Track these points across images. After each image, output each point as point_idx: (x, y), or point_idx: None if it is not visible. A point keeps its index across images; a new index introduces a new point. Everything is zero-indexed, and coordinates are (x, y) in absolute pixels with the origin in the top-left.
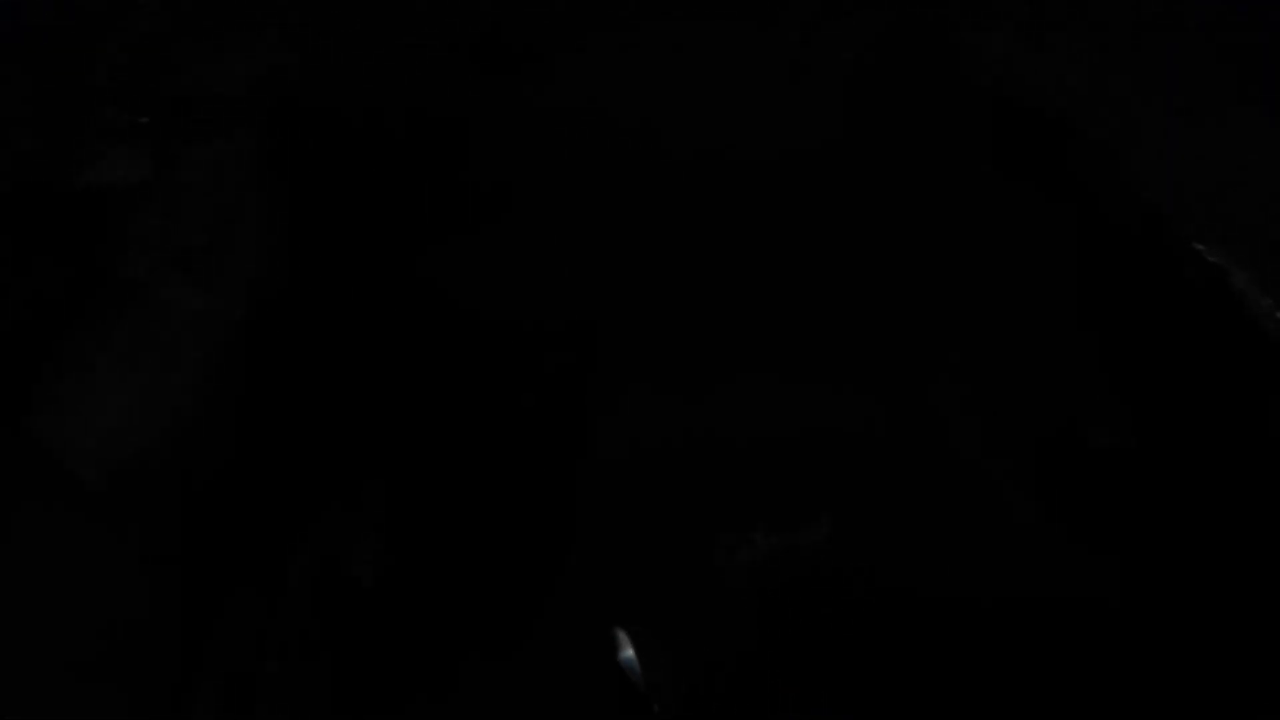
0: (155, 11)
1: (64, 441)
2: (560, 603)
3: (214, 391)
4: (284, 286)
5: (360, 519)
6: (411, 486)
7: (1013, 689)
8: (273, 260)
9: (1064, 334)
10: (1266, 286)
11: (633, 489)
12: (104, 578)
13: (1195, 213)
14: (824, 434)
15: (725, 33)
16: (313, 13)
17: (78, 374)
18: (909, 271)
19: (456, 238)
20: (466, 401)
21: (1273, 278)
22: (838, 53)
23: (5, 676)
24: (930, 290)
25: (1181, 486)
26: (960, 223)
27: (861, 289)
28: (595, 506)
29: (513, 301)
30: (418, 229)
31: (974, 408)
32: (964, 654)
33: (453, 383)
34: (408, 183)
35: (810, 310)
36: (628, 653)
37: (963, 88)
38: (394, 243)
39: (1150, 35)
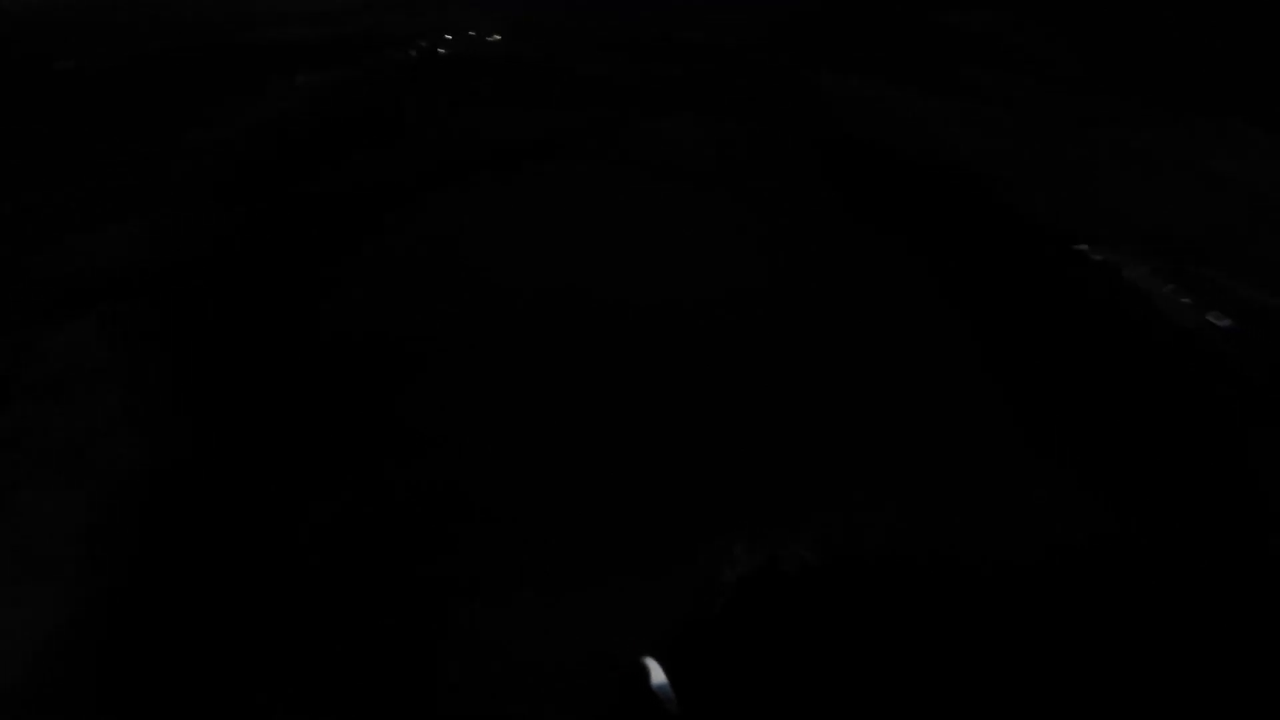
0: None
1: None
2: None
3: (85, 603)
4: (154, 480)
5: None
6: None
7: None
8: (142, 453)
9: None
10: (1165, 276)
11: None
12: None
13: (1073, 222)
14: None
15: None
16: (176, 189)
17: None
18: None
19: (336, 413)
20: (335, 599)
21: (1168, 269)
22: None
23: None
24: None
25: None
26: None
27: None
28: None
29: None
30: (291, 407)
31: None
32: (945, 670)
33: (319, 577)
34: (279, 356)
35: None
36: (660, 678)
37: (833, 136)
38: (265, 421)
39: (1009, 66)
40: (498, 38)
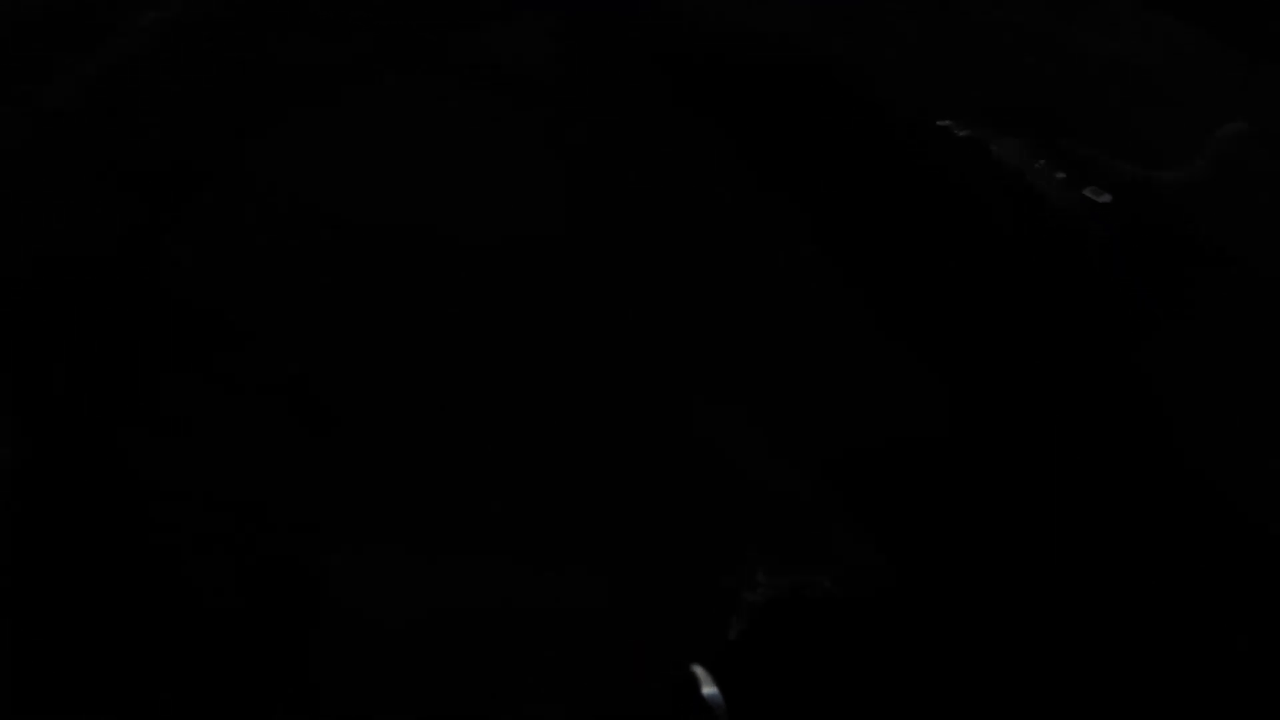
0: None
1: None
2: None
3: None
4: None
5: None
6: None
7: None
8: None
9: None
10: (1037, 151)
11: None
12: None
13: (931, 103)
14: None
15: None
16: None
17: None
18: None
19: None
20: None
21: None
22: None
23: None
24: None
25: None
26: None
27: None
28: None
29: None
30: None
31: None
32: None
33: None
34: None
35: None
36: (711, 689)
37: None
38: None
39: None
40: None
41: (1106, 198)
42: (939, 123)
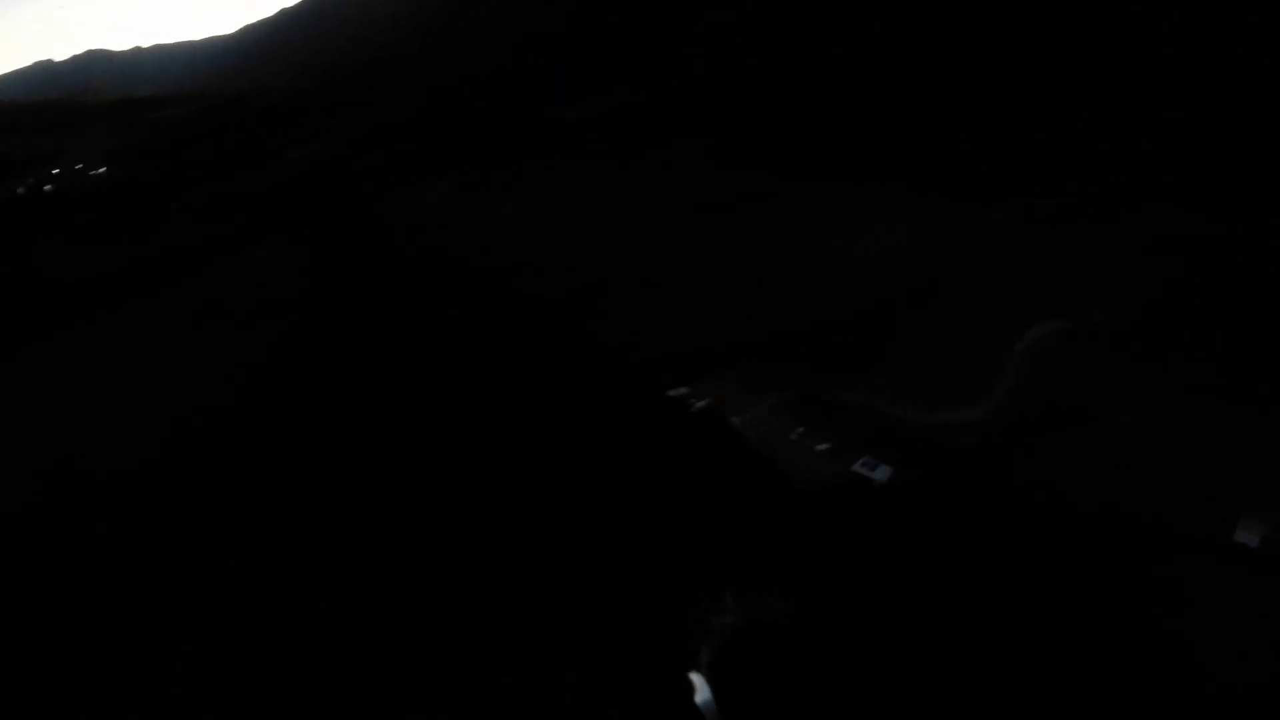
0: None
1: None
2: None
3: None
4: None
5: None
6: None
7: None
8: None
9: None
10: (790, 414)
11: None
12: None
13: (671, 344)
14: None
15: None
16: None
17: None
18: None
19: None
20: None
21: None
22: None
23: None
24: None
25: None
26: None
27: None
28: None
29: None
30: None
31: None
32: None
33: None
34: None
35: None
36: (705, 694)
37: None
38: None
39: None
40: (103, 170)
41: (884, 472)
42: (670, 393)
